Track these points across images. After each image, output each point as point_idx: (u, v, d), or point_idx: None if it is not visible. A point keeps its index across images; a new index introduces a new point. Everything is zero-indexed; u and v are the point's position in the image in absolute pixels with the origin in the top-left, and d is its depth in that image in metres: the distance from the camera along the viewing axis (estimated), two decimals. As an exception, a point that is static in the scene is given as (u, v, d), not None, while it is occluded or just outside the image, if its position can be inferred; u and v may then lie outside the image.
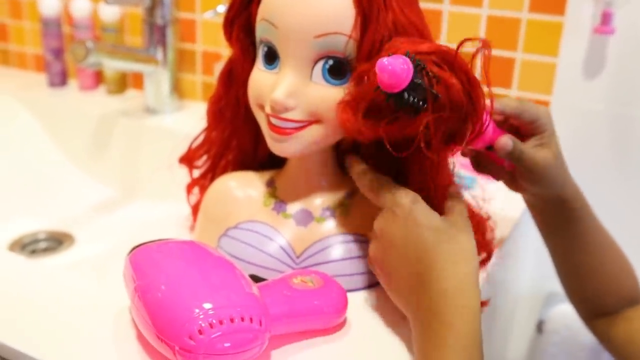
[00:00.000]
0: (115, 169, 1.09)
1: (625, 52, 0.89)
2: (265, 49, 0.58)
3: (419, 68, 0.48)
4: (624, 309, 0.73)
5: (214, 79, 1.10)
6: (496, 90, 0.96)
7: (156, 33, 1.08)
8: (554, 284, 0.76)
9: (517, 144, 0.62)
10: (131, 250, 0.57)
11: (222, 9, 0.99)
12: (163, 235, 0.61)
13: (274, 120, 0.57)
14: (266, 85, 0.58)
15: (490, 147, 0.62)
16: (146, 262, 0.54)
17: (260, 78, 0.59)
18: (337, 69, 0.56)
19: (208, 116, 0.70)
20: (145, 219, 0.95)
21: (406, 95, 0.48)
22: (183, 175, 0.75)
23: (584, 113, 0.92)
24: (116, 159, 1.09)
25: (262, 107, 0.59)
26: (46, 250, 0.92)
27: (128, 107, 1.16)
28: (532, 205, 0.71)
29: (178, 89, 1.15)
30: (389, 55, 0.48)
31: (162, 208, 0.94)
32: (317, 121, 0.57)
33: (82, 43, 0.94)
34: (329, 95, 0.56)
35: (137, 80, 1.24)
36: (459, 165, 0.64)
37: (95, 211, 1.00)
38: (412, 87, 0.47)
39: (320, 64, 0.56)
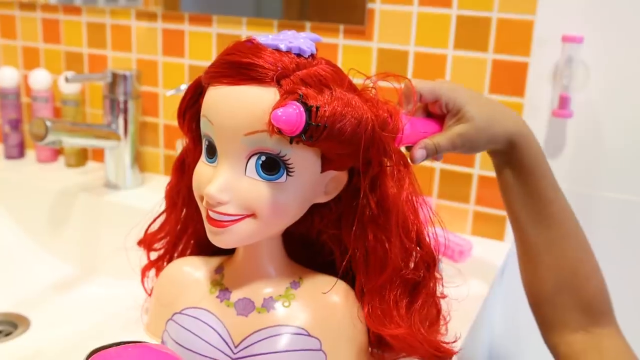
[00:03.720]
0: (74, 246, 1.06)
1: (583, 135, 0.91)
2: (207, 143, 0.60)
3: (312, 109, 0.52)
4: (577, 320, 0.72)
5: (176, 153, 1.09)
6: (461, 169, 0.98)
7: (117, 108, 1.07)
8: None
9: (428, 146, 0.67)
10: (89, 356, 0.56)
11: (184, 87, 0.98)
12: (123, 321, 0.59)
13: (210, 213, 0.58)
14: (205, 178, 0.59)
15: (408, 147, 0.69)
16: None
17: (201, 171, 0.60)
18: (270, 165, 0.57)
19: (165, 201, 0.72)
20: (105, 301, 0.92)
21: (303, 136, 0.53)
22: (144, 254, 0.74)
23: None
24: (75, 235, 1.07)
25: (203, 199, 0.60)
26: (-1, 334, 0.88)
27: (88, 181, 1.14)
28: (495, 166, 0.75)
29: (140, 162, 1.14)
30: (282, 105, 0.52)
31: (122, 288, 0.92)
32: (251, 215, 0.58)
33: (42, 121, 0.92)
34: (262, 189, 0.57)
35: (97, 153, 1.22)
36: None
37: (53, 291, 0.97)
38: (306, 128, 0.52)
39: (254, 159, 0.57)
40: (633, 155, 0.90)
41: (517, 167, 0.71)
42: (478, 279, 0.86)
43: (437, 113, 0.71)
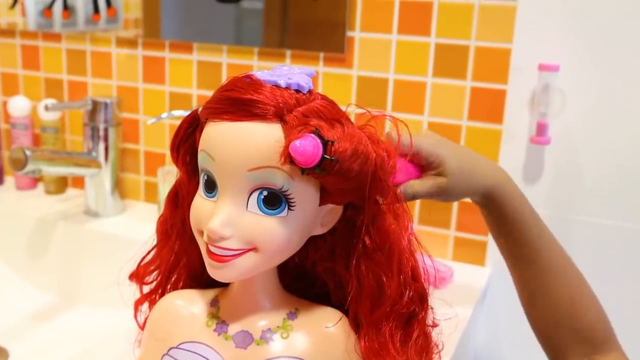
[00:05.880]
0: (54, 274, 1.05)
1: (561, 161, 0.93)
2: (205, 177, 0.60)
3: (328, 143, 0.53)
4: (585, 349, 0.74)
5: (157, 180, 1.09)
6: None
7: (98, 135, 1.07)
8: None
9: (407, 193, 0.71)
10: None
11: (165, 115, 0.99)
12: (104, 351, 0.58)
13: (211, 248, 0.58)
14: (205, 213, 0.59)
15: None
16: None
17: (200, 205, 0.60)
18: (272, 200, 0.57)
19: (157, 235, 0.71)
20: (86, 330, 0.92)
21: (317, 169, 0.53)
22: (127, 284, 0.73)
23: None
24: (55, 264, 1.06)
25: (201, 233, 0.60)
26: (-23, 368, 0.87)
27: (68, 208, 1.13)
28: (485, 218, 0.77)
29: (120, 189, 1.14)
30: (299, 137, 0.53)
31: (103, 318, 0.91)
32: (253, 249, 0.58)
33: (21, 151, 0.92)
34: (264, 224, 0.57)
35: (77, 179, 1.21)
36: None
37: (33, 321, 0.96)
38: (322, 161, 0.53)
39: (256, 194, 0.57)
40: (610, 180, 0.92)
41: (498, 218, 0.75)
42: (460, 305, 0.86)
43: (418, 163, 0.74)
